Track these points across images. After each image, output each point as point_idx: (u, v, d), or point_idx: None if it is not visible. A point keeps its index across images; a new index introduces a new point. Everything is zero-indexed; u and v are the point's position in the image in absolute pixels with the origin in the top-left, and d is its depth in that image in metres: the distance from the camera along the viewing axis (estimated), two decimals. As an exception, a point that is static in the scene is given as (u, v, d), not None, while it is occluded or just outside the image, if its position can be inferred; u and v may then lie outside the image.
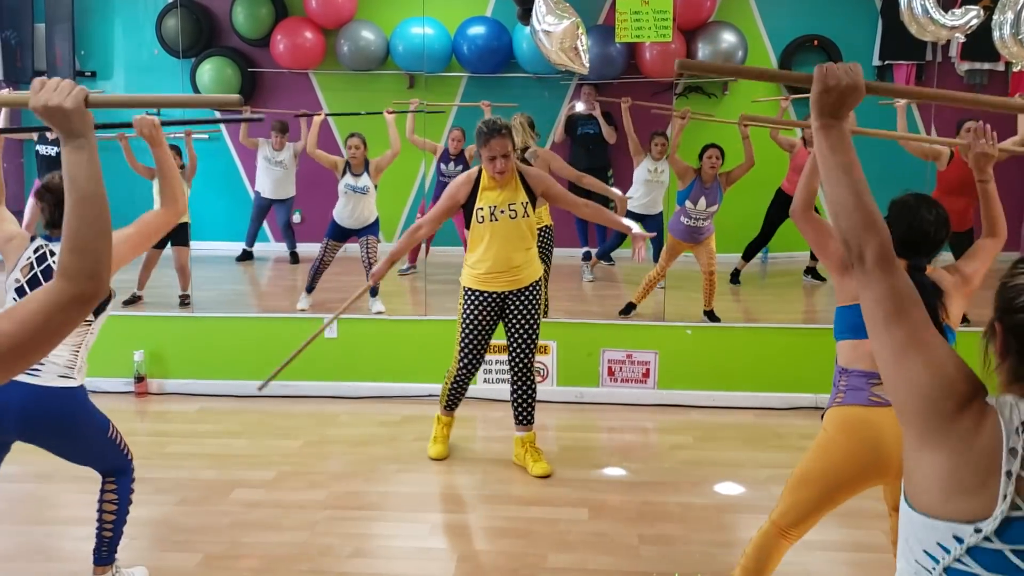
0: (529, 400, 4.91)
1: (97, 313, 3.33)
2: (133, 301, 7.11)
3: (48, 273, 3.28)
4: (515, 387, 4.92)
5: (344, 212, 7.16)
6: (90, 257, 1.58)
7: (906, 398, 1.46)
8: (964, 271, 3.07)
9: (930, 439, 1.43)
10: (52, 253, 3.31)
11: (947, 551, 1.39)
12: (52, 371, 3.23)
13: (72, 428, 3.35)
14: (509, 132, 4.61)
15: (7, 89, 7.25)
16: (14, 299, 3.28)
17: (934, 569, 1.41)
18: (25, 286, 3.28)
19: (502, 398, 5.99)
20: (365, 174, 7.10)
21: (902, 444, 1.43)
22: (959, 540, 1.38)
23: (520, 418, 4.94)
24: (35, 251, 3.32)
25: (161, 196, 3.36)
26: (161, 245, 7.15)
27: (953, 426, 1.41)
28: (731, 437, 5.50)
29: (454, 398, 5.06)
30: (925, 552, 1.43)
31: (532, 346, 4.86)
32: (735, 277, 8.04)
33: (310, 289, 7.13)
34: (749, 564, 3.19)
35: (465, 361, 4.91)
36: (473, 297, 4.84)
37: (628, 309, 6.90)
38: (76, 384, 3.32)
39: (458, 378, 4.98)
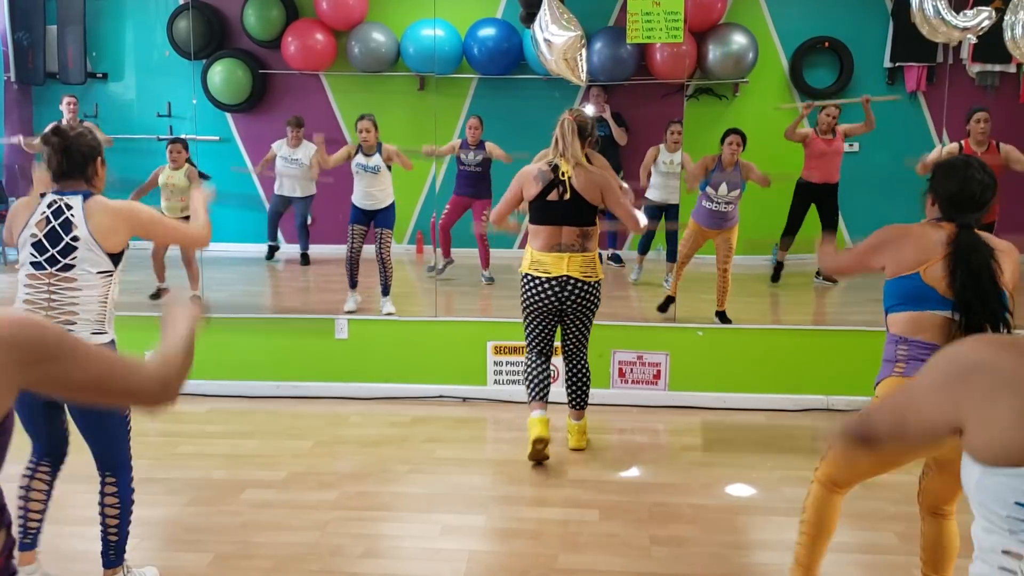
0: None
1: (116, 263, 3.36)
2: (158, 295, 7.14)
3: (67, 226, 3.25)
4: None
5: (360, 193, 7.13)
6: (179, 382, 1.83)
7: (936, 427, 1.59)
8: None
9: (978, 403, 1.46)
10: (68, 207, 3.28)
11: None
12: (85, 328, 3.25)
13: None
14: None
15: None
16: (31, 253, 3.27)
17: None
18: (43, 240, 3.25)
19: (512, 399, 5.99)
20: (376, 155, 7.09)
21: None
22: None
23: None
24: (49, 205, 3.29)
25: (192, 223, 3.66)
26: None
27: (988, 379, 1.46)
28: (743, 439, 5.49)
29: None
30: (1018, 504, 1.41)
31: None
32: (777, 274, 8.08)
33: (353, 285, 7.09)
34: (809, 527, 3.21)
35: None
36: None
37: (666, 304, 6.94)
38: (108, 338, 3.35)
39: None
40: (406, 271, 8.56)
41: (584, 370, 5.15)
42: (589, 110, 8.82)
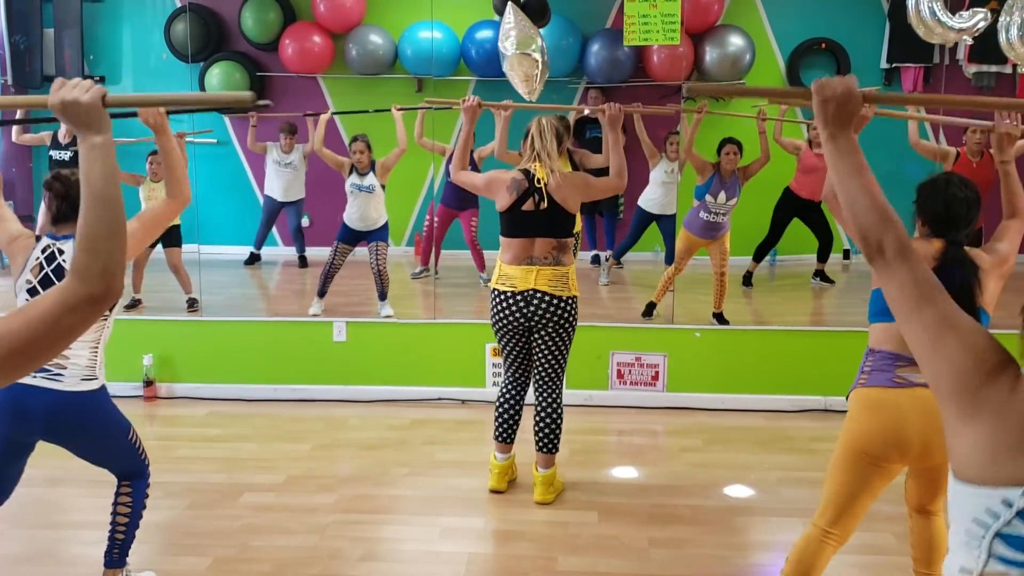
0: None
1: (111, 308, 3.34)
2: (133, 306, 7.09)
3: (59, 272, 3.27)
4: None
5: (353, 214, 7.03)
6: (103, 256, 1.56)
7: (943, 375, 1.51)
8: (998, 249, 3.09)
9: (967, 411, 1.46)
10: (60, 252, 3.30)
11: (996, 516, 1.41)
12: (75, 374, 3.24)
13: (95, 430, 3.38)
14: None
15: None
16: (26, 300, 3.26)
17: (984, 536, 1.43)
18: (37, 286, 3.27)
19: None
20: (371, 174, 6.99)
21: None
22: (1008, 504, 1.40)
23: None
24: (43, 251, 3.31)
25: (167, 186, 3.37)
26: (152, 245, 7.16)
27: (987, 395, 1.45)
28: (741, 440, 5.49)
29: None
30: (974, 520, 1.44)
31: None
32: (747, 279, 8.03)
33: (321, 294, 7.02)
34: (792, 571, 3.11)
35: None
36: None
37: (649, 309, 6.90)
38: (99, 385, 3.33)
39: None
40: (404, 273, 8.56)
41: (555, 406, 4.56)
42: (588, 112, 8.83)
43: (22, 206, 9.10)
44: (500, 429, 4.66)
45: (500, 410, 4.67)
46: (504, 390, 4.69)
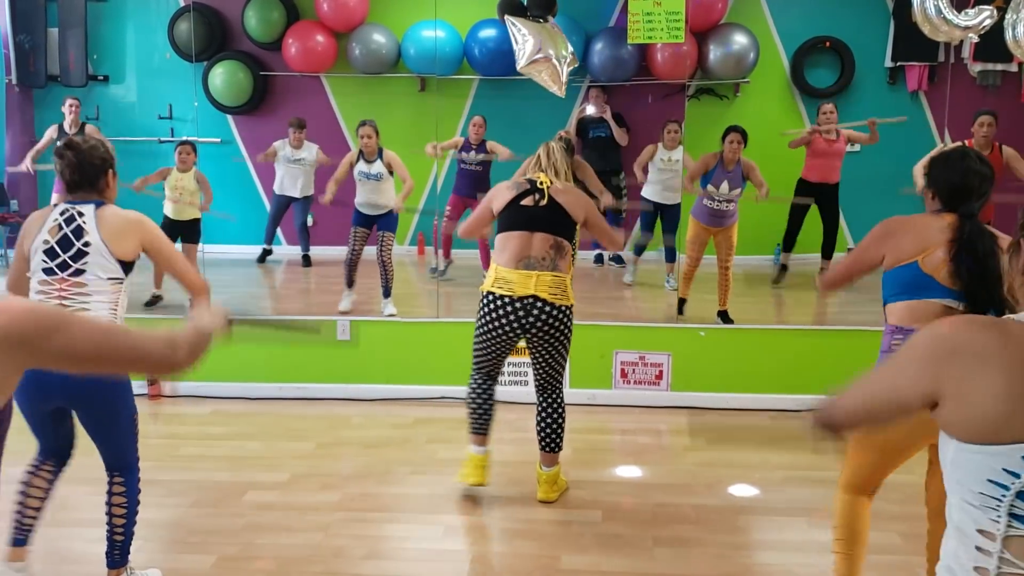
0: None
1: (127, 272, 3.37)
2: (154, 302, 7.13)
3: (79, 232, 3.27)
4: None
5: (362, 199, 7.09)
6: (189, 351, 1.89)
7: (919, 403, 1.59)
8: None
9: (957, 381, 1.47)
10: (81, 214, 3.30)
11: (1016, 475, 1.37)
12: None
13: (111, 395, 3.38)
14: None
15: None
16: (43, 260, 3.28)
17: (1004, 496, 1.39)
18: (55, 246, 3.27)
19: (514, 400, 5.98)
20: (378, 161, 7.02)
21: None
22: None
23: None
24: (62, 213, 3.31)
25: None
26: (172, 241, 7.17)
27: (968, 359, 1.46)
28: (745, 439, 5.48)
29: None
30: (990, 481, 1.41)
31: None
32: (780, 276, 8.06)
33: (350, 283, 7.07)
34: (842, 535, 3.20)
35: None
36: None
37: (680, 307, 6.92)
38: None
39: None
40: (407, 272, 8.56)
41: (557, 405, 4.53)
42: (590, 110, 8.83)
43: (26, 205, 9.11)
44: (476, 418, 4.61)
45: (475, 397, 4.63)
46: (477, 387, 4.64)
